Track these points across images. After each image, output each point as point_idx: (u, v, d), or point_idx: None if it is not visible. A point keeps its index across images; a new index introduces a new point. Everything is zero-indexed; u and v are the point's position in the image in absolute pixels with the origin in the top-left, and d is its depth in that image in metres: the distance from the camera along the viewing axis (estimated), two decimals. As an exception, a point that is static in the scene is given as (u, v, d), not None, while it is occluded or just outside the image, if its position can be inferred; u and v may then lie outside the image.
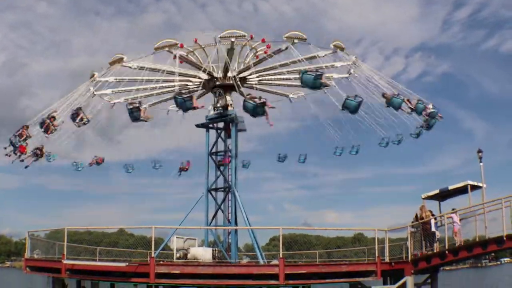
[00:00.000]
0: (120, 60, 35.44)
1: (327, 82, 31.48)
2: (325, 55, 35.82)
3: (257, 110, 30.91)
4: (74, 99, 35.80)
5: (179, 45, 34.65)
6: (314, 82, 30.01)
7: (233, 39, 33.72)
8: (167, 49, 34.19)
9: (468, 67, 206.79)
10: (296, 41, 34.03)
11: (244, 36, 33.75)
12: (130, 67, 35.63)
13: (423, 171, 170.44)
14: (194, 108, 31.34)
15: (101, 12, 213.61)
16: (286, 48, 34.66)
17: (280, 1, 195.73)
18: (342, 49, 36.11)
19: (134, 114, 31.82)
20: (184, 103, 30.55)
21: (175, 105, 37.28)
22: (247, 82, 38.81)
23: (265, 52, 36.28)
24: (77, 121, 34.07)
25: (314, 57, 35.53)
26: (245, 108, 31.12)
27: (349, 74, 37.21)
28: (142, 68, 35.42)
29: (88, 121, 34.77)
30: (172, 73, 35.95)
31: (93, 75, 36.45)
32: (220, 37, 33.70)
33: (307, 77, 30.15)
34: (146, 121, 33.05)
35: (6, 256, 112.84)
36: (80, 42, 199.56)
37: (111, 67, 35.74)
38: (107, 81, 36.20)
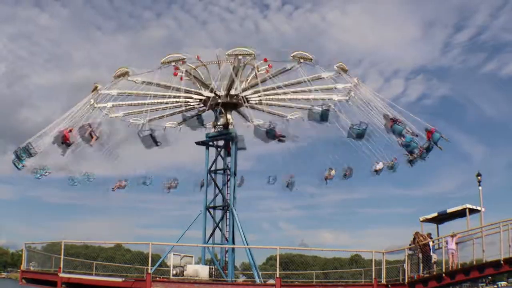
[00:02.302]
0: (125, 73, 35.49)
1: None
2: (329, 76, 36.02)
3: (268, 135, 31.37)
4: (75, 112, 35.90)
5: (184, 59, 34.79)
6: (321, 117, 30.62)
7: (240, 57, 33.91)
8: (173, 63, 34.30)
9: (467, 90, 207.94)
10: (302, 61, 34.30)
11: (252, 54, 33.93)
12: (134, 82, 35.73)
13: (420, 193, 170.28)
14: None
15: (103, 27, 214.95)
16: (291, 68, 34.88)
17: (280, 20, 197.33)
18: (345, 71, 36.35)
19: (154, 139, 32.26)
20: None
21: (172, 122, 37.82)
22: (249, 102, 38.93)
23: (266, 72, 36.48)
24: (85, 135, 34.19)
25: (319, 77, 35.78)
26: (256, 134, 31.56)
27: (349, 98, 37.37)
28: (149, 83, 35.54)
29: (97, 137, 34.90)
30: (178, 89, 36.17)
31: (95, 88, 36.48)
32: (228, 54, 33.88)
33: (313, 113, 30.89)
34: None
35: (2, 267, 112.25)
36: (81, 56, 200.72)
37: (115, 80, 35.78)
38: (109, 94, 36.27)
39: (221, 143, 39.92)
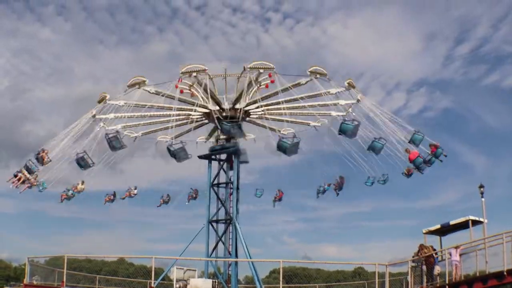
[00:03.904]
0: (142, 82, 35.63)
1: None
2: (337, 92, 36.35)
3: (292, 149, 31.53)
4: (78, 125, 36.02)
5: (206, 69, 35.07)
6: (352, 131, 30.94)
7: (262, 71, 34.15)
8: (194, 74, 34.51)
9: (469, 102, 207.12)
10: (318, 76, 34.66)
11: (272, 68, 34.19)
12: (148, 91, 35.84)
13: (423, 206, 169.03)
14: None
15: (105, 41, 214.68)
16: (306, 82, 35.19)
17: (281, 34, 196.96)
18: (353, 87, 36.81)
19: (113, 143, 32.60)
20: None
21: (164, 136, 38.00)
22: (250, 116, 39.05)
23: (266, 86, 36.65)
24: (81, 163, 34.51)
25: (328, 93, 36.16)
26: (280, 148, 31.68)
27: (346, 114, 37.58)
28: (170, 96, 35.71)
29: (93, 163, 35.15)
30: (192, 103, 36.42)
31: (103, 98, 36.51)
32: (250, 68, 34.16)
33: (346, 126, 31.13)
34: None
35: (5, 281, 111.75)
36: (83, 70, 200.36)
37: (128, 89, 35.81)
38: (116, 104, 36.35)
39: (223, 156, 40.03)
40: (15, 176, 34.03)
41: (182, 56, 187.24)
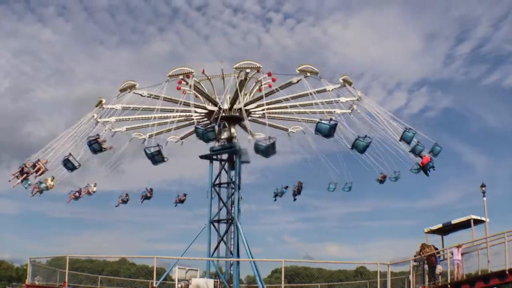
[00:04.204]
0: (132, 86, 35.50)
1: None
2: (333, 89, 36.14)
3: (269, 150, 31.39)
4: (79, 126, 36.03)
5: (192, 72, 34.71)
6: (329, 131, 30.65)
7: (248, 70, 33.98)
8: (180, 77, 34.34)
9: (470, 102, 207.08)
10: (308, 74, 34.38)
11: (259, 67, 33.99)
12: (141, 95, 35.77)
13: (424, 205, 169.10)
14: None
15: (105, 42, 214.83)
16: (298, 81, 34.91)
17: (282, 34, 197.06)
18: (350, 83, 36.51)
19: (93, 146, 32.59)
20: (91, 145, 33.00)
21: (174, 136, 37.91)
22: (251, 115, 39.07)
23: (269, 86, 36.57)
24: (93, 145, 34.19)
25: (324, 90, 35.92)
26: (257, 150, 31.55)
27: (351, 110, 37.54)
28: (156, 97, 35.61)
29: (79, 165, 34.98)
30: (186, 103, 36.31)
31: (100, 102, 36.55)
32: (236, 68, 33.94)
33: (322, 126, 30.75)
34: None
35: (7, 282, 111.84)
36: (84, 70, 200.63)
37: (121, 93, 35.83)
38: (113, 108, 36.39)
39: (225, 156, 40.03)
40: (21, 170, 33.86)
41: (183, 56, 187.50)
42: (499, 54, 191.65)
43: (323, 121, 31.13)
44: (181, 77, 34.29)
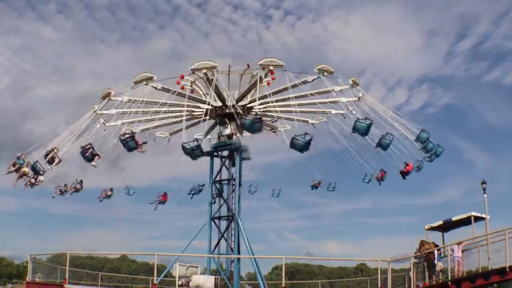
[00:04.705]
0: (150, 78, 35.25)
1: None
2: (341, 90, 36.46)
3: (254, 126, 31.45)
4: (80, 122, 35.98)
5: (216, 66, 34.65)
6: (366, 129, 31.02)
7: (204, 71, 34.03)
8: (204, 70, 34.37)
9: (470, 99, 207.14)
10: (325, 74, 34.67)
11: (282, 65, 34.09)
12: (155, 88, 35.65)
13: (425, 202, 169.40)
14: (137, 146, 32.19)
15: (106, 39, 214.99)
16: (313, 80, 35.19)
17: (282, 31, 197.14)
18: (357, 84, 37.01)
19: (129, 143, 32.21)
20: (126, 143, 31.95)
21: (162, 132, 37.95)
22: (251, 112, 39.05)
23: (268, 84, 36.55)
24: (86, 155, 34.02)
25: (333, 90, 36.25)
26: (243, 126, 31.64)
27: (348, 110, 37.68)
28: (168, 90, 35.55)
29: (99, 156, 34.63)
30: (191, 99, 36.32)
31: (108, 93, 36.38)
32: (260, 64, 34.15)
33: (361, 125, 31.21)
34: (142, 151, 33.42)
35: (7, 279, 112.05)
36: (84, 68, 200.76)
37: (135, 85, 35.61)
38: (120, 100, 36.27)
39: (225, 153, 40.02)
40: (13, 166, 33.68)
41: (184, 54, 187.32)
42: (499, 51, 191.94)
43: (360, 120, 31.83)
44: (204, 71, 34.24)
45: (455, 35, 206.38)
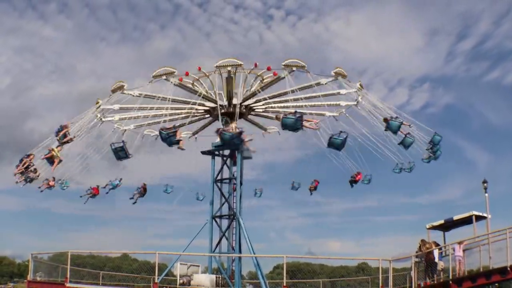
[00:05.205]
0: (121, 87, 35.40)
1: (308, 125, 32.09)
2: (327, 82, 36.04)
3: (234, 141, 31.30)
4: (81, 124, 35.93)
5: (174, 72, 34.81)
6: (295, 124, 30.48)
7: (229, 68, 34.03)
8: (164, 77, 34.32)
9: (471, 98, 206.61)
10: (294, 69, 34.19)
11: (241, 65, 34.01)
12: (132, 95, 35.68)
13: (426, 201, 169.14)
14: (178, 142, 30.93)
15: (106, 38, 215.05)
16: (283, 77, 34.81)
17: (284, 31, 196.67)
18: (344, 76, 36.27)
19: (171, 138, 31.44)
20: (168, 138, 30.21)
21: (150, 130, 37.88)
22: (254, 110, 39.08)
23: (273, 75, 36.48)
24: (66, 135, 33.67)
25: (311, 85, 35.83)
26: (222, 140, 31.47)
27: (357, 103, 37.53)
28: (163, 98, 35.50)
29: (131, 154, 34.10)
30: (187, 102, 36.25)
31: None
32: (216, 66, 34.17)
33: (335, 141, 31.12)
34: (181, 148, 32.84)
35: (9, 278, 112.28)
36: (85, 67, 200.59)
37: (112, 94, 35.73)
38: (111, 108, 36.32)
39: (226, 152, 40.03)
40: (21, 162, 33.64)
41: (184, 53, 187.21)
42: (500, 51, 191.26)
43: (335, 137, 31.67)
44: (164, 77, 34.24)
45: (456, 35, 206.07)
